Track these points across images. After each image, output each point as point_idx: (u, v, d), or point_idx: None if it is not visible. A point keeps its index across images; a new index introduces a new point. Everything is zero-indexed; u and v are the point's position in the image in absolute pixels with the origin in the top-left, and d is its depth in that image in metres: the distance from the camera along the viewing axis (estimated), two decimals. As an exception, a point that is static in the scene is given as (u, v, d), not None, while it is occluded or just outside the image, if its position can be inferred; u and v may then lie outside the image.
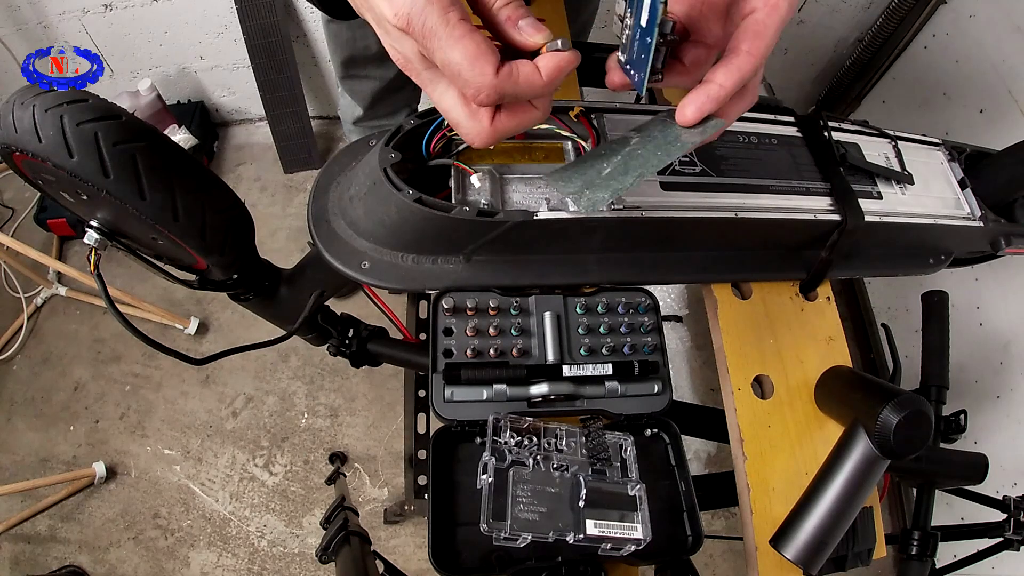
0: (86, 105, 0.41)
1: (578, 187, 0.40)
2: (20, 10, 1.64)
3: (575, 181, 0.40)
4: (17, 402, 1.63)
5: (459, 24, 0.32)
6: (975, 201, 0.64)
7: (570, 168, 0.42)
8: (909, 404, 0.48)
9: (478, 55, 0.32)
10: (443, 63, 0.33)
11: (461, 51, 0.32)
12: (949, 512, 1.30)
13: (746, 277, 0.61)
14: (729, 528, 1.47)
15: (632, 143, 0.41)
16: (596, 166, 0.41)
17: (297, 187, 1.95)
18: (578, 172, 0.41)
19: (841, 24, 1.69)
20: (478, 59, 0.32)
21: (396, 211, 0.47)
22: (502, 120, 0.36)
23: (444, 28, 0.32)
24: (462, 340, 0.53)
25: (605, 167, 0.40)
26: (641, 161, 0.40)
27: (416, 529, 1.45)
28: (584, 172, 0.41)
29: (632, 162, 0.40)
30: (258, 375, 1.64)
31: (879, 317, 1.69)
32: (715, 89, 0.38)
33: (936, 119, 1.49)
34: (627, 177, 0.39)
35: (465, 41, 0.32)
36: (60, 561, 1.42)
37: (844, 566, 0.55)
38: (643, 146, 0.41)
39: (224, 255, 0.51)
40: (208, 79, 1.92)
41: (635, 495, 0.47)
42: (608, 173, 0.40)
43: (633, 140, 0.42)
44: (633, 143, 0.41)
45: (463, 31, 0.32)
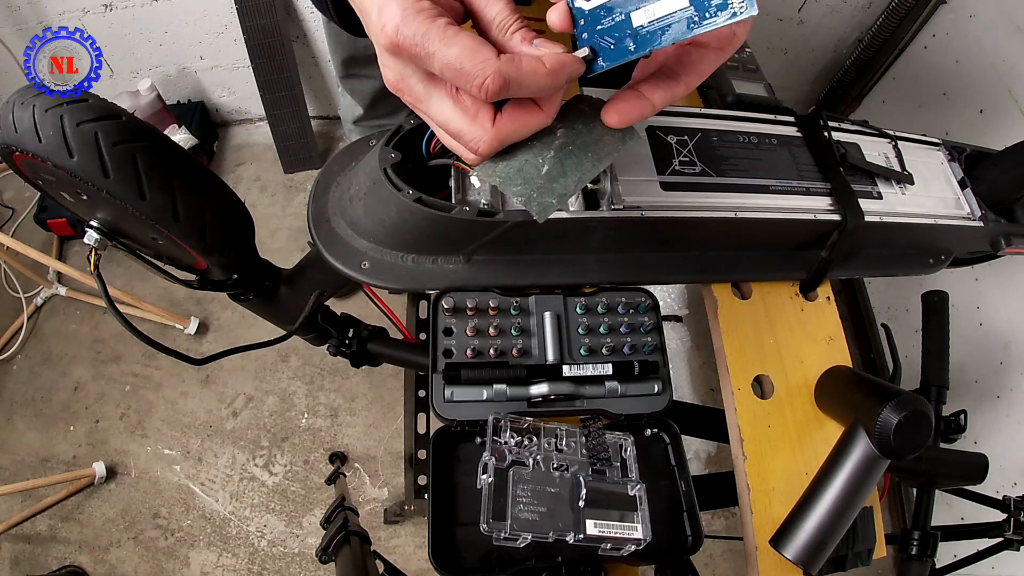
0: (86, 105, 0.41)
1: (522, 187, 0.40)
2: (20, 10, 1.64)
3: (515, 179, 0.40)
4: (17, 402, 1.63)
5: (450, 26, 0.33)
6: (975, 201, 0.64)
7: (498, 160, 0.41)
8: (909, 404, 0.48)
9: (476, 46, 0.33)
10: (441, 64, 0.33)
11: (458, 46, 0.32)
12: (949, 512, 1.30)
13: (746, 277, 0.61)
14: (729, 528, 1.47)
15: (558, 135, 0.41)
16: (532, 161, 0.40)
17: (297, 187, 1.95)
18: (512, 166, 0.40)
19: (841, 24, 1.69)
20: (477, 49, 0.33)
21: (396, 211, 0.47)
22: (503, 121, 0.36)
23: (436, 31, 0.32)
24: (462, 340, 0.53)
25: (542, 164, 0.40)
26: (576, 163, 0.40)
27: (416, 529, 1.45)
28: (520, 168, 0.40)
29: (567, 162, 0.40)
30: (258, 375, 1.64)
31: (879, 317, 1.69)
32: (648, 108, 0.39)
33: (936, 119, 1.49)
34: (568, 180, 0.40)
35: (460, 37, 0.33)
36: (60, 561, 1.42)
37: (844, 566, 0.55)
38: (572, 142, 0.41)
39: (224, 255, 0.51)
40: (208, 79, 1.92)
41: (635, 495, 0.47)
42: (547, 172, 0.40)
43: (558, 131, 0.41)
44: (559, 135, 0.41)
45: (456, 30, 0.33)
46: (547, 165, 0.40)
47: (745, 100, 0.70)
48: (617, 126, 0.41)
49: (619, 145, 0.42)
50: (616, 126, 0.41)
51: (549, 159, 0.40)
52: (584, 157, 0.41)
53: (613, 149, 0.41)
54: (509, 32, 0.35)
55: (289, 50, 1.73)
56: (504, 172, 0.40)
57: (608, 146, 0.41)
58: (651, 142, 0.54)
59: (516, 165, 0.40)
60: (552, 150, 0.41)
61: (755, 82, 0.74)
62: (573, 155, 0.41)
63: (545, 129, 0.41)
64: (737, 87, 0.71)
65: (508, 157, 0.40)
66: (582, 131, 0.41)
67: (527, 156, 0.41)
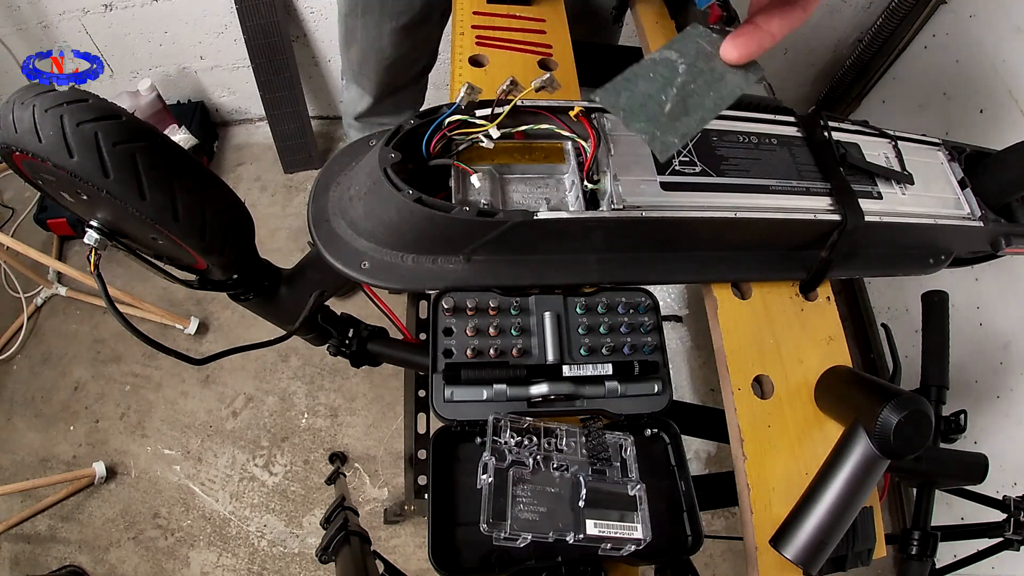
0: (86, 105, 0.41)
1: (646, 124, 0.39)
2: (20, 10, 1.64)
3: (639, 115, 0.39)
4: (17, 402, 1.63)
5: None
6: (975, 201, 0.64)
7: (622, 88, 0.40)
8: (909, 404, 0.48)
9: None
10: None
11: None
12: (949, 512, 1.30)
13: (746, 277, 0.61)
14: (729, 528, 1.47)
15: (680, 72, 0.41)
16: (655, 97, 0.40)
17: (297, 187, 1.95)
18: (635, 98, 0.40)
19: (841, 24, 1.69)
20: None
21: (396, 211, 0.47)
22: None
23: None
24: (462, 340, 0.53)
25: (665, 101, 0.40)
26: (698, 102, 0.40)
27: (416, 529, 1.45)
28: (643, 102, 0.40)
29: (690, 101, 0.40)
30: (258, 375, 1.64)
31: (879, 317, 1.69)
32: (767, 39, 0.39)
33: (936, 119, 1.49)
34: (691, 120, 0.39)
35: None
36: (60, 561, 1.42)
37: (844, 566, 0.55)
38: (694, 80, 0.40)
39: (224, 255, 0.51)
40: (208, 79, 1.92)
41: (635, 495, 0.47)
42: (670, 111, 0.39)
43: (680, 67, 0.41)
44: (682, 72, 0.41)
45: None
46: (670, 103, 0.40)
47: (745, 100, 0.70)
48: (737, 62, 0.40)
49: (742, 83, 0.41)
50: (736, 62, 0.40)
51: (672, 97, 0.40)
52: (706, 96, 0.40)
53: (736, 87, 0.41)
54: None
55: (289, 50, 1.73)
56: (628, 104, 0.40)
57: (731, 84, 0.41)
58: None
59: (639, 99, 0.40)
60: (675, 87, 0.40)
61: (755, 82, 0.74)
62: (695, 94, 0.40)
63: (667, 64, 0.40)
64: (737, 87, 0.71)
65: (631, 88, 0.40)
66: (704, 70, 0.41)
67: (650, 91, 0.40)
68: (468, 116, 0.51)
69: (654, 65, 0.41)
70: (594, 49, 1.02)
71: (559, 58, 0.78)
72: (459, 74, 0.75)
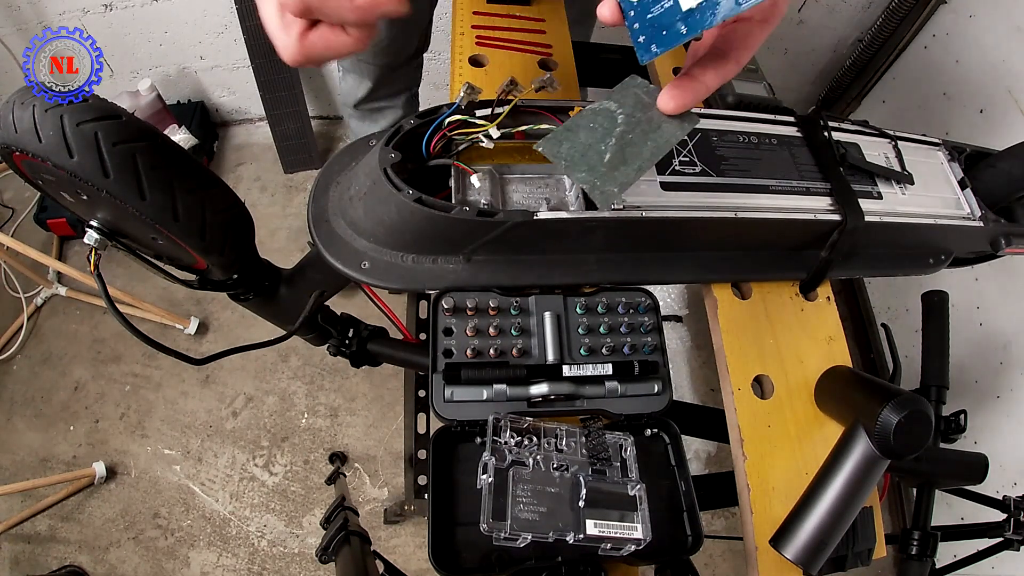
0: (86, 105, 0.41)
1: (586, 175, 0.41)
2: (20, 10, 1.64)
3: (580, 165, 0.41)
4: (17, 402, 1.63)
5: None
6: (975, 201, 0.64)
7: (564, 140, 0.42)
8: (909, 404, 0.48)
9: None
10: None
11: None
12: (949, 512, 1.30)
13: (746, 277, 0.61)
14: (729, 528, 1.47)
15: (619, 122, 0.42)
16: (595, 147, 0.41)
17: (297, 187, 1.95)
18: (575, 147, 0.42)
19: (841, 24, 1.69)
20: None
21: (396, 211, 0.47)
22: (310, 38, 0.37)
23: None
24: (462, 340, 0.53)
25: (604, 151, 0.41)
26: (636, 151, 0.41)
27: (416, 529, 1.45)
28: (584, 152, 0.41)
29: (628, 151, 0.41)
30: (258, 375, 1.64)
31: (879, 317, 1.69)
32: (702, 90, 0.40)
33: (936, 119, 1.49)
34: (629, 169, 0.41)
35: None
36: (60, 561, 1.42)
37: (844, 566, 0.55)
38: (632, 130, 0.42)
39: (224, 255, 0.51)
40: (208, 79, 1.92)
41: (635, 495, 0.47)
42: (609, 160, 0.41)
43: (619, 117, 0.42)
44: (620, 122, 0.42)
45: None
46: (609, 152, 0.41)
47: (745, 100, 0.70)
48: (674, 112, 0.41)
49: (677, 131, 0.42)
50: (673, 112, 0.41)
51: (611, 146, 0.41)
52: (644, 145, 0.42)
53: (671, 136, 0.42)
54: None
55: (289, 50, 1.73)
56: (569, 154, 0.41)
57: (667, 133, 0.42)
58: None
59: (579, 149, 0.41)
60: (613, 137, 0.42)
61: (755, 82, 0.74)
62: (633, 143, 0.42)
63: (606, 114, 0.42)
64: (737, 87, 0.72)
65: (572, 139, 0.42)
66: (641, 120, 0.42)
67: (590, 141, 0.42)
68: (468, 116, 0.51)
69: (594, 115, 0.43)
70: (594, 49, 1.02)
71: (559, 58, 0.78)
72: (459, 74, 0.75)
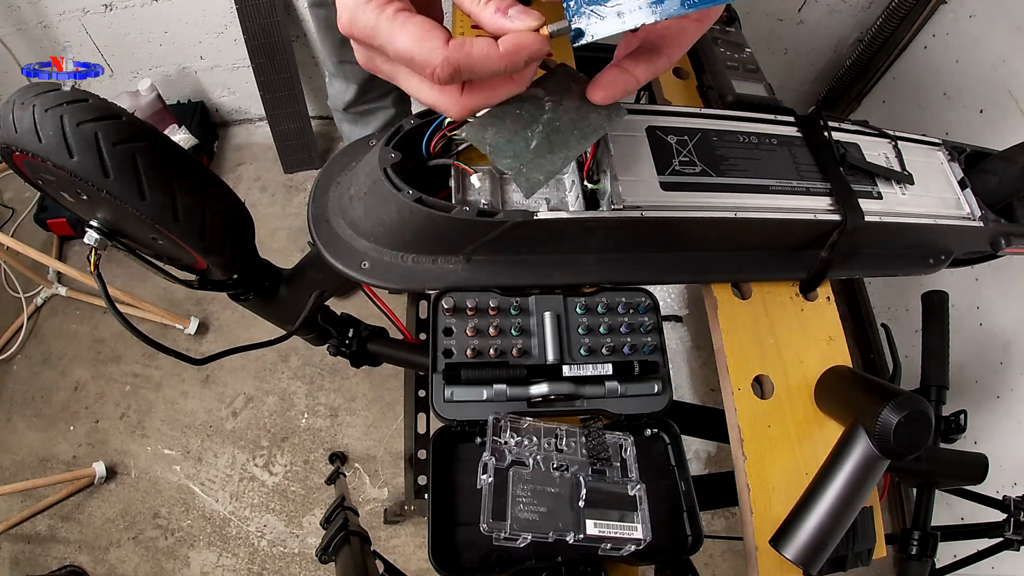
0: (86, 105, 0.41)
1: (511, 161, 0.40)
2: (20, 10, 1.64)
3: (505, 151, 0.40)
4: (17, 402, 1.63)
5: (399, 14, 0.33)
6: (975, 201, 0.64)
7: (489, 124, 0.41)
8: (909, 404, 0.48)
9: (423, 34, 0.33)
10: (394, 54, 0.34)
11: (406, 35, 0.33)
12: (949, 512, 1.30)
13: (746, 277, 0.61)
14: (729, 528, 1.47)
15: (547, 109, 0.41)
16: (521, 134, 0.41)
17: (297, 187, 1.95)
18: (502, 136, 0.40)
19: (841, 24, 1.69)
20: (424, 38, 0.33)
21: (396, 211, 0.47)
22: (468, 96, 0.36)
23: (385, 22, 0.33)
24: (462, 340, 0.53)
25: (531, 137, 0.41)
26: (563, 139, 0.41)
27: (416, 529, 1.45)
28: (510, 139, 0.40)
29: (554, 138, 0.41)
30: (258, 375, 1.64)
31: (879, 317, 1.69)
32: (632, 83, 0.40)
33: (936, 119, 1.49)
34: (556, 158, 0.40)
35: (408, 25, 0.33)
36: (60, 561, 1.42)
37: (844, 566, 0.55)
38: (559, 118, 0.41)
39: (224, 255, 0.51)
40: (208, 79, 1.92)
41: (635, 495, 0.47)
42: (536, 148, 0.40)
43: (546, 104, 0.42)
44: (547, 109, 0.41)
45: (404, 18, 0.33)
46: (535, 140, 0.41)
47: (745, 100, 0.70)
48: (602, 103, 0.41)
49: (604, 122, 0.42)
50: (601, 103, 0.41)
51: (537, 134, 0.41)
52: (570, 134, 0.41)
53: (599, 126, 0.42)
54: (483, 2, 0.34)
55: (289, 50, 1.73)
56: (494, 141, 0.40)
57: (594, 123, 0.42)
58: (651, 142, 0.54)
59: (506, 136, 0.40)
60: (540, 124, 0.41)
61: (755, 82, 0.74)
62: (560, 131, 0.41)
63: (533, 100, 0.41)
64: (737, 87, 0.71)
65: (498, 124, 0.41)
66: (568, 108, 0.42)
67: (516, 127, 0.41)
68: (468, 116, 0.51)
69: (521, 102, 0.42)
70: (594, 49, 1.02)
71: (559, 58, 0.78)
72: (459, 74, 0.75)
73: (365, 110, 1.42)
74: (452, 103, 0.36)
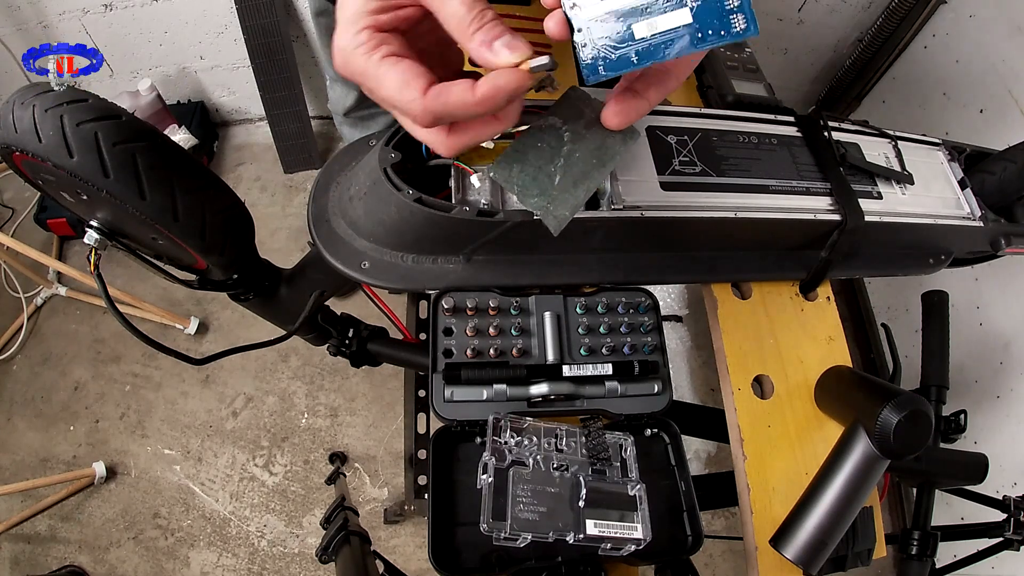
0: (86, 105, 0.41)
1: (539, 200, 0.40)
2: (20, 10, 1.64)
3: (532, 189, 0.41)
4: (17, 402, 1.63)
5: (383, 60, 0.34)
6: (975, 201, 0.64)
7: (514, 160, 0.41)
8: (909, 404, 0.48)
9: (403, 84, 0.33)
10: (380, 99, 0.35)
11: (389, 83, 0.34)
12: (949, 512, 1.30)
13: (746, 277, 0.61)
14: (729, 528, 1.47)
15: (565, 139, 0.42)
16: (544, 169, 0.41)
17: (297, 187, 1.95)
18: (527, 171, 0.41)
19: (841, 24, 1.69)
20: (404, 87, 0.33)
21: (396, 211, 0.47)
22: (455, 134, 0.37)
23: (372, 67, 0.34)
24: (462, 340, 0.53)
25: (554, 172, 0.41)
26: (584, 171, 0.41)
27: (416, 529, 1.45)
28: (535, 176, 0.41)
29: (575, 170, 0.41)
30: (258, 375, 1.64)
31: (879, 317, 1.69)
32: (644, 106, 0.40)
33: (936, 119, 1.49)
34: (579, 191, 0.41)
35: (391, 73, 0.34)
36: (60, 561, 1.42)
37: (844, 566, 0.55)
38: (578, 148, 0.42)
39: (224, 255, 0.51)
40: (208, 79, 1.92)
41: (635, 495, 0.47)
42: (560, 183, 0.41)
43: (565, 134, 0.42)
44: (566, 139, 0.42)
45: (389, 65, 0.34)
46: (559, 175, 0.41)
47: (745, 100, 0.70)
48: (618, 128, 0.41)
49: (620, 147, 0.42)
50: (617, 128, 0.41)
51: (560, 167, 0.41)
52: (589, 163, 0.41)
53: (615, 152, 0.42)
54: (469, 33, 0.34)
55: (289, 50, 1.73)
56: (521, 180, 0.41)
57: (611, 150, 0.42)
58: (651, 142, 0.54)
59: (531, 172, 0.41)
60: (561, 157, 0.41)
61: (755, 82, 0.74)
62: (580, 162, 0.41)
63: (552, 132, 0.42)
64: (737, 87, 0.71)
65: (522, 161, 0.41)
66: (585, 136, 0.42)
67: (540, 163, 0.41)
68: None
69: (540, 134, 0.42)
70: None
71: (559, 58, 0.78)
72: (459, 74, 0.75)
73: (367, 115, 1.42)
74: (440, 143, 0.37)
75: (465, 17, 0.33)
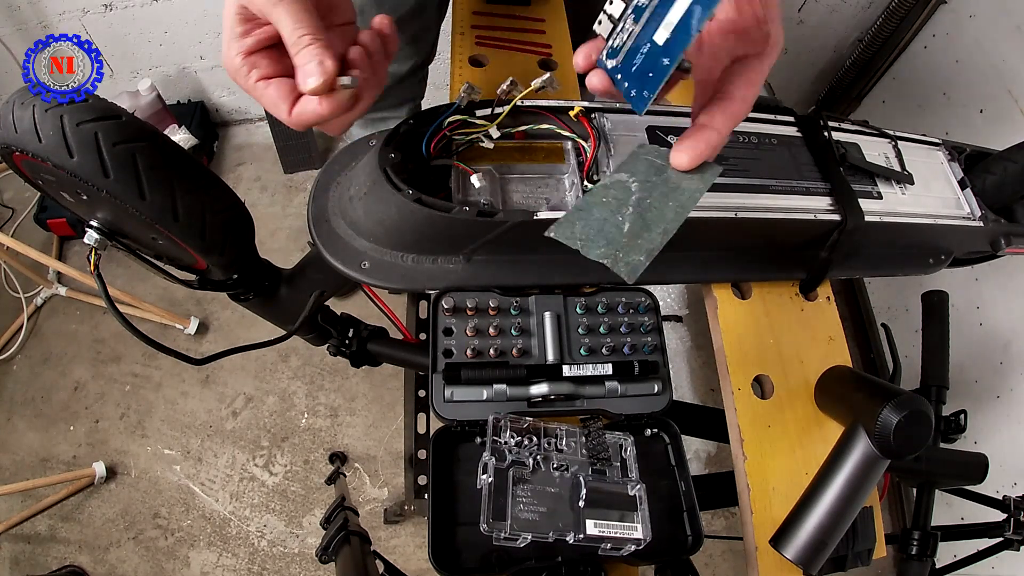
0: (86, 105, 0.41)
1: (605, 250, 0.39)
2: (20, 10, 1.64)
3: (597, 241, 0.39)
4: (17, 402, 1.63)
5: (256, 85, 0.41)
6: (975, 201, 0.64)
7: (576, 218, 0.40)
8: (909, 404, 0.48)
9: (274, 105, 0.41)
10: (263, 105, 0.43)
11: (265, 102, 0.42)
12: (949, 512, 1.30)
13: (746, 277, 0.61)
14: (729, 528, 1.47)
15: (634, 190, 0.41)
16: (611, 220, 0.39)
17: (297, 187, 1.95)
18: (590, 225, 0.40)
19: (841, 24, 1.69)
20: (276, 107, 0.41)
21: (396, 211, 0.47)
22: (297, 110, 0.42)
23: (250, 88, 0.42)
24: (462, 340, 0.53)
25: (622, 222, 0.39)
26: (658, 215, 0.39)
27: (416, 529, 1.45)
28: (599, 227, 0.39)
29: (648, 216, 0.39)
30: (258, 375, 1.64)
31: (879, 317, 1.69)
32: (715, 137, 0.39)
33: (936, 119, 1.49)
34: (654, 235, 0.39)
35: (264, 96, 0.41)
36: (60, 561, 1.42)
37: (844, 566, 0.55)
38: (650, 195, 0.40)
39: (224, 255, 0.51)
40: (208, 79, 1.92)
41: (635, 495, 0.47)
42: (629, 231, 0.39)
43: (632, 185, 0.41)
44: (635, 190, 0.41)
45: (262, 87, 0.41)
46: (627, 223, 0.39)
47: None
48: (689, 167, 0.40)
49: (700, 185, 0.40)
50: (688, 167, 0.40)
51: (629, 216, 0.40)
52: (665, 207, 0.40)
53: (695, 192, 0.40)
54: (293, 57, 0.39)
55: (289, 50, 1.73)
56: (583, 233, 0.39)
57: (689, 190, 0.40)
58: (651, 142, 0.54)
59: (595, 225, 0.40)
60: (630, 207, 0.40)
61: (755, 82, 0.74)
62: (653, 207, 0.40)
63: (619, 186, 0.41)
64: (737, 87, 0.71)
65: (585, 218, 0.40)
66: (657, 183, 0.41)
67: (605, 215, 0.40)
68: (468, 116, 0.51)
69: (606, 190, 0.41)
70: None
71: (559, 58, 0.78)
72: (459, 74, 0.75)
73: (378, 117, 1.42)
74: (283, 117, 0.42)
75: (288, 43, 0.39)
